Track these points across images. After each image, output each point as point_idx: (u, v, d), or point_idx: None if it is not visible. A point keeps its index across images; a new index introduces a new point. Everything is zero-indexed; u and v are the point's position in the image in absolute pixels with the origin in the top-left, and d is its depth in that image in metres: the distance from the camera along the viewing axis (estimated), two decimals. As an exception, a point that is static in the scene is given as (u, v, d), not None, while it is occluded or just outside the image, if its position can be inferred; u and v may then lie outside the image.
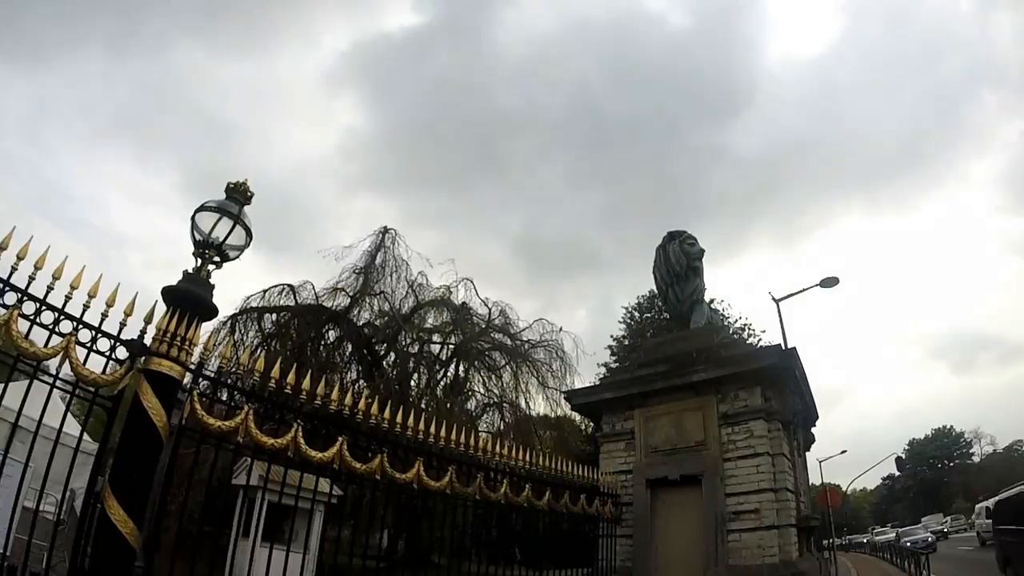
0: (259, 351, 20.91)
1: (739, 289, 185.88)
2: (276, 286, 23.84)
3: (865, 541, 63.73)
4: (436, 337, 25.29)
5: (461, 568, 10.68)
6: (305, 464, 6.31)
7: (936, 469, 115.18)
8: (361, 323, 24.20)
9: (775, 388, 13.22)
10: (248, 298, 23.41)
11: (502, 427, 24.18)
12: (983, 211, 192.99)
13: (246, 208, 5.74)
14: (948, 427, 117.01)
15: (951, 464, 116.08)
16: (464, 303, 25.47)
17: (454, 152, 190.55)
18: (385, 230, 24.90)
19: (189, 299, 5.22)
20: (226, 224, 5.54)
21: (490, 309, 25.83)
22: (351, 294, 24.05)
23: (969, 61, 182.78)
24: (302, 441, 6.00)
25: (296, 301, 23.64)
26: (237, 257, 5.80)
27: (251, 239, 5.78)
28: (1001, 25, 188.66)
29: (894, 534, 56.64)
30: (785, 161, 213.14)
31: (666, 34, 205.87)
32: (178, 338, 5.01)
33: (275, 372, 5.90)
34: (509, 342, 25.21)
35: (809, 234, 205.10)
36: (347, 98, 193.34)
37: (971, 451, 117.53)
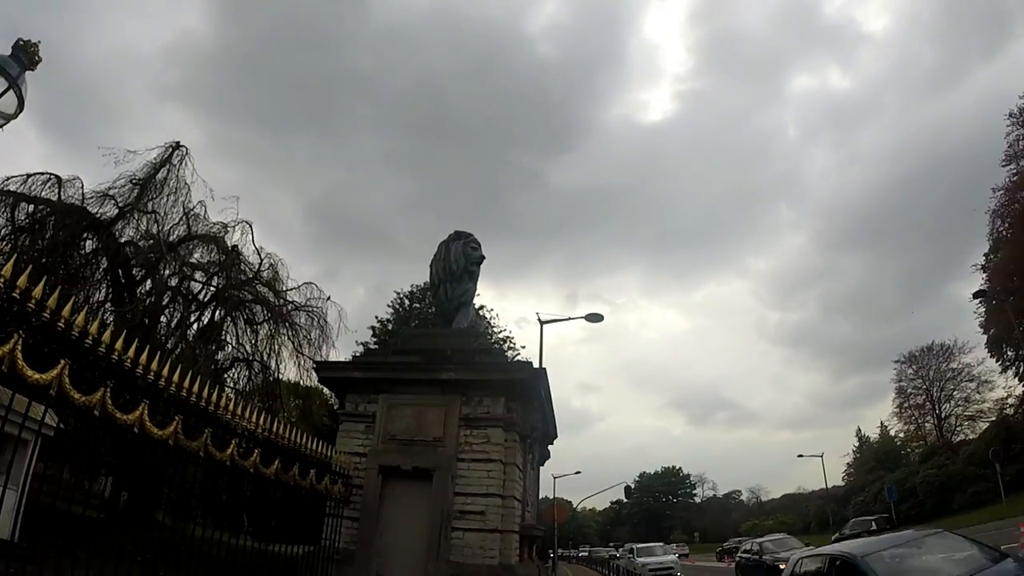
0: (2, 243, 18.57)
1: (512, 305, 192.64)
2: (41, 174, 21.18)
3: (608, 557, 62.20)
4: (199, 275, 23.50)
5: (184, 530, 10.30)
6: (19, 384, 5.45)
7: (660, 502, 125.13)
8: (123, 240, 22.15)
9: (520, 401, 13.84)
10: (7, 180, 20.48)
11: (248, 386, 23.34)
12: (749, 299, 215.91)
13: (28, 74, 5.22)
14: (677, 467, 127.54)
15: (674, 500, 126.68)
16: (236, 246, 23.97)
17: (285, 93, 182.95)
18: (177, 145, 23.01)
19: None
20: (-1, 85, 4.95)
21: (262, 260, 24.52)
22: (121, 205, 21.90)
23: (778, 176, 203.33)
24: (20, 357, 5.27)
25: (60, 197, 21.09)
26: (2, 126, 5.25)
27: (22, 109, 5.25)
28: (815, 157, 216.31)
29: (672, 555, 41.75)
30: (591, 206, 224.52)
31: (530, 57, 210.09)
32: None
33: (7, 271, 5.20)
34: (273, 298, 24.14)
35: (592, 274, 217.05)
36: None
37: (694, 492, 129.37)
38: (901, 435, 74.35)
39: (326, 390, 21.51)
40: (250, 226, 24.60)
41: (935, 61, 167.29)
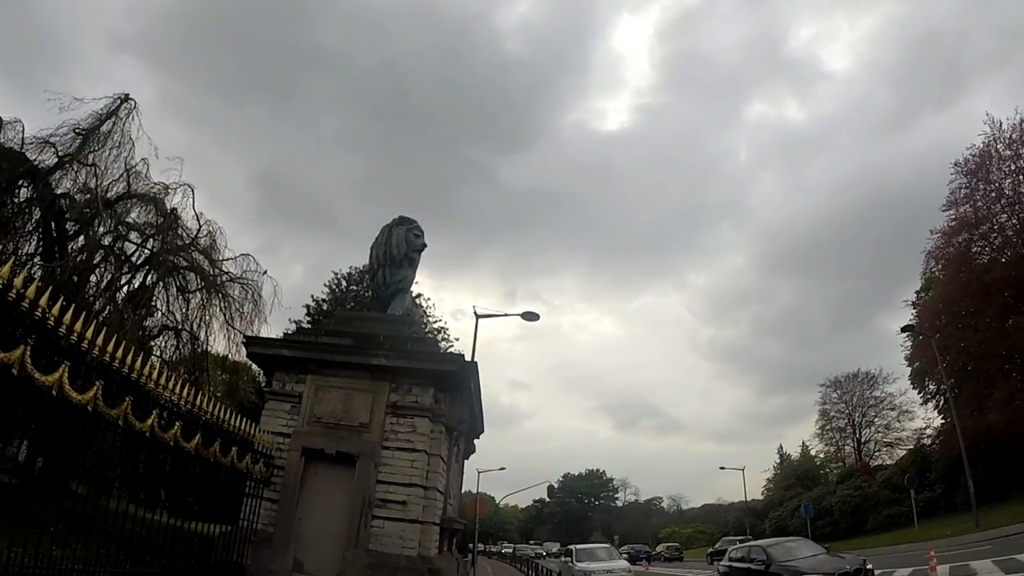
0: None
1: (450, 296, 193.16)
2: (-16, 113, 19.85)
3: (534, 555, 61.62)
4: (134, 236, 22.29)
5: (99, 501, 10.06)
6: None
7: (582, 503, 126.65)
8: (60, 191, 20.87)
9: (448, 393, 13.86)
10: (-56, 117, 19.18)
11: (175, 355, 22.64)
12: (684, 313, 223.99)
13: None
14: (601, 470, 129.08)
15: (596, 502, 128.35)
16: (175, 210, 22.93)
17: (244, 58, 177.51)
18: (125, 98, 21.87)
19: None
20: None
21: (201, 226, 23.53)
22: (61, 154, 20.56)
23: (725, 196, 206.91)
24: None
25: (-1, 139, 20.04)
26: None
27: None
28: (763, 182, 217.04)
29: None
30: (538, 206, 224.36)
31: (496, 53, 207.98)
32: None
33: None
34: (208, 267, 23.29)
35: (532, 274, 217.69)
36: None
37: (616, 495, 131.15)
38: (821, 455, 76.40)
39: (255, 366, 21.02)
40: (192, 190, 23.63)
41: (889, 106, 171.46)
